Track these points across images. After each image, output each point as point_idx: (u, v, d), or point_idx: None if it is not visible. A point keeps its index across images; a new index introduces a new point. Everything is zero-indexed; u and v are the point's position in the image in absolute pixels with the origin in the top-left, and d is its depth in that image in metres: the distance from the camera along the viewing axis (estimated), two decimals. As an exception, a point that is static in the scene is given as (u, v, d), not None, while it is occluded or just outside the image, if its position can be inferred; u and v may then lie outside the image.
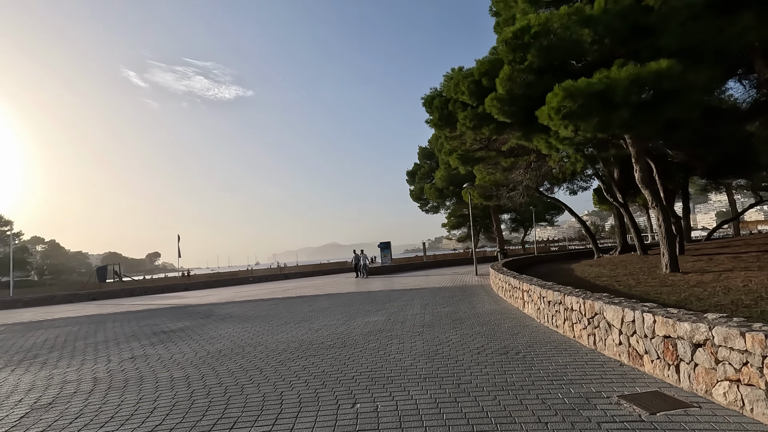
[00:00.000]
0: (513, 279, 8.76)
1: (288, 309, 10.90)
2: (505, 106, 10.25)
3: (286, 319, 9.20)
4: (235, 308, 11.98)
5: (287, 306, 11.58)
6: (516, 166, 14.51)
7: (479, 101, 11.23)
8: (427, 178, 49.23)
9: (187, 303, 14.89)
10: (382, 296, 12.31)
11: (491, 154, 13.02)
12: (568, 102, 8.35)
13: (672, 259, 12.98)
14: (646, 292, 8.91)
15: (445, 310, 8.74)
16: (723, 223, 41.05)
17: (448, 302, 10.02)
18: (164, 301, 16.94)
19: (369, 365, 4.96)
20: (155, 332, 8.66)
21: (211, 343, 7.01)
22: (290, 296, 14.40)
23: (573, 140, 9.36)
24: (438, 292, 12.28)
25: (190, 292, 24.30)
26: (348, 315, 9.10)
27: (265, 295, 15.59)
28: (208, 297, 17.50)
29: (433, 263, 32.88)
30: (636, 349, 3.97)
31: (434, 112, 12.78)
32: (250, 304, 12.69)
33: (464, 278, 17.40)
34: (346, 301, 11.65)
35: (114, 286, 34.14)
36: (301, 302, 12.28)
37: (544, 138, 10.20)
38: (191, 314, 11.24)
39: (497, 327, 6.64)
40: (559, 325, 5.86)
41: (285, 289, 18.03)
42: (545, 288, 6.41)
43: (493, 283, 12.49)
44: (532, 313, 7.25)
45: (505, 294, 9.82)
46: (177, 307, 13.39)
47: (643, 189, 13.41)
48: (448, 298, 10.87)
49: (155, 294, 25.11)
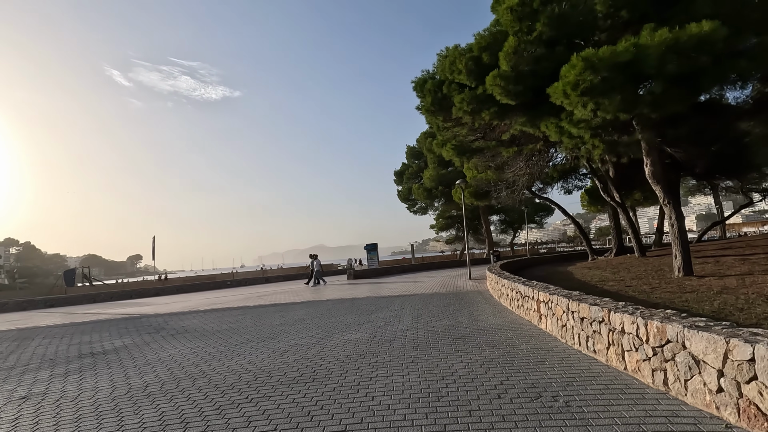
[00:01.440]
0: (523, 286, 7.33)
1: (256, 321, 9.27)
2: (510, 85, 8.85)
3: (250, 335, 7.58)
4: (195, 319, 10.28)
5: (256, 317, 9.95)
6: (517, 158, 13.15)
7: (479, 81, 9.83)
8: (416, 178, 47.94)
9: (145, 312, 13.09)
10: (368, 304, 10.77)
11: (490, 144, 11.64)
12: (588, 75, 6.97)
13: (686, 261, 11.78)
14: (669, 299, 7.63)
15: (441, 324, 7.25)
16: (714, 225, 40.74)
17: (443, 313, 8.54)
18: (122, 310, 15.07)
19: (343, 417, 3.42)
20: (83, 354, 6.94)
21: (141, 373, 5.36)
22: (264, 304, 12.74)
23: (590, 123, 8.01)
24: (430, 300, 10.80)
25: (160, 297, 22.33)
26: (324, 330, 7.54)
27: (236, 302, 13.89)
28: (173, 304, 15.68)
29: (421, 266, 31.46)
30: (758, 406, 2.53)
31: (426, 96, 11.33)
32: (214, 314, 11.00)
33: (457, 282, 15.98)
34: (325, 311, 10.07)
35: (81, 291, 31.79)
36: (273, 312, 10.65)
37: (554, 122, 8.83)
38: (141, 327, 9.51)
39: (513, 350, 5.17)
40: (599, 351, 4.41)
41: (261, 295, 16.33)
42: (577, 300, 4.96)
43: (492, 288, 11.08)
44: (553, 331, 5.80)
45: (510, 303, 8.39)
46: (131, 318, 11.61)
47: (655, 185, 12.22)
48: (443, 307, 9.39)
49: (120, 300, 23.06)
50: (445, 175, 41.59)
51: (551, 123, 8.85)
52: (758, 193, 36.53)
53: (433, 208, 50.12)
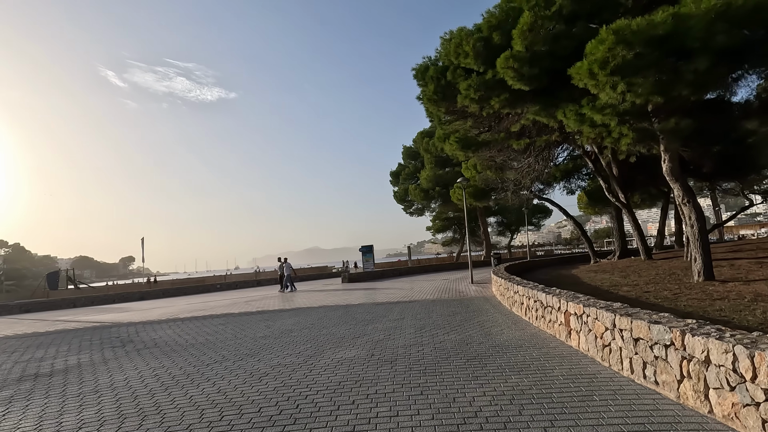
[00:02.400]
0: (544, 294, 6.32)
1: (238, 332, 8.19)
2: (524, 68, 7.89)
3: (227, 351, 6.51)
4: (171, 329, 9.17)
5: (239, 326, 8.86)
6: (525, 153, 12.19)
7: (488, 65, 8.86)
8: (412, 178, 46.98)
9: (119, 320, 11.94)
10: (364, 313, 9.72)
11: (498, 137, 10.66)
12: (620, 50, 6.01)
13: (707, 265, 10.90)
14: (699, 307, 6.70)
15: (450, 339, 6.23)
16: (714, 227, 40.14)
17: (450, 323, 7.51)
18: (97, 317, 13.90)
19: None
20: (25, 376, 5.83)
21: (80, 406, 4.28)
22: (250, 311, 11.64)
23: (617, 108, 7.05)
24: (433, 307, 9.78)
25: (143, 302, 21.11)
26: (314, 345, 6.48)
27: (221, 309, 12.78)
28: (154, 310, 14.53)
29: (418, 268, 30.46)
30: None
31: (428, 83, 10.34)
32: (193, 323, 9.90)
33: (458, 287, 14.98)
34: (315, 320, 9.01)
35: (63, 294, 30.43)
36: (258, 320, 9.57)
37: (573, 109, 7.86)
38: (107, 340, 8.40)
39: (545, 377, 4.16)
40: (664, 384, 3.40)
41: (250, 300, 15.23)
42: (626, 315, 3.95)
43: (501, 295, 10.08)
44: (588, 351, 4.80)
45: (526, 313, 7.38)
46: (100, 328, 10.47)
47: (673, 182, 11.33)
48: (448, 316, 8.37)
49: (101, 304, 21.80)
50: (443, 176, 40.65)
51: (570, 110, 7.88)
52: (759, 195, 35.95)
53: (430, 210, 49.20)
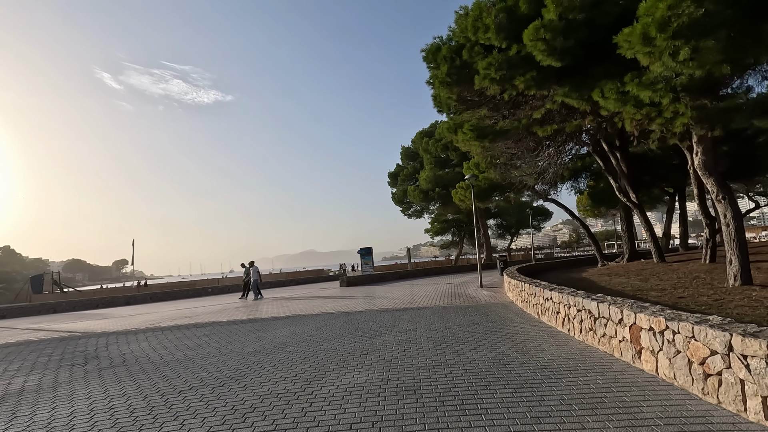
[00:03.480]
0: (594, 303, 5.19)
1: (223, 345, 6.99)
2: (557, 39, 6.81)
3: (207, 371, 5.32)
4: (146, 342, 7.95)
5: (226, 338, 7.66)
6: (547, 143, 11.10)
7: (511, 40, 7.79)
8: (411, 179, 45.92)
9: (93, 329, 10.69)
10: (369, 321, 8.55)
11: (519, 124, 9.55)
12: (687, 6, 4.93)
13: (744, 269, 9.88)
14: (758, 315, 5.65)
15: (480, 357, 5.08)
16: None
17: (473, 336, 6.37)
18: (71, 325, 12.61)
19: None
20: (-52, 406, 4.62)
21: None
22: (240, 318, 10.43)
23: (671, 82, 5.99)
24: (446, 315, 8.63)
25: (128, 307, 19.79)
26: (313, 364, 5.31)
27: (209, 316, 11.55)
28: (137, 317, 13.27)
29: (418, 272, 29.31)
30: None
31: (441, 65, 9.23)
32: (174, 334, 8.68)
33: (467, 291, 13.86)
34: (314, 331, 7.83)
35: (47, 298, 28.95)
36: (249, 330, 8.37)
37: (613, 88, 6.78)
38: (69, 355, 7.16)
39: (638, 423, 3.03)
40: None
41: (241, 306, 13.99)
42: (752, 337, 2.84)
43: (522, 300, 8.96)
44: (676, 379, 3.67)
45: (563, 323, 6.25)
46: (69, 338, 9.21)
47: (706, 178, 10.32)
48: (469, 326, 7.23)
49: (83, 310, 20.45)
50: (443, 177, 39.57)
51: (609, 89, 6.80)
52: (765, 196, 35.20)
53: (429, 212, 48.14)
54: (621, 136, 19.15)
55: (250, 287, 16.97)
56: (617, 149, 19.15)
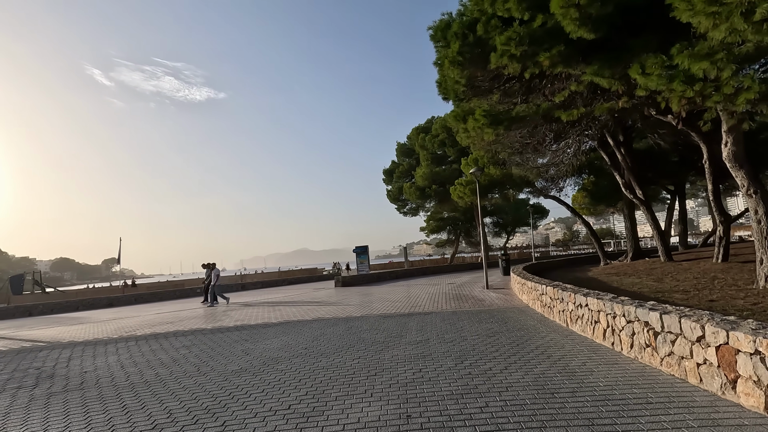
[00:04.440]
0: (655, 314, 4.25)
1: (203, 361, 5.96)
2: (593, 5, 5.85)
3: (178, 400, 4.29)
4: (116, 355, 6.87)
5: (208, 350, 6.62)
6: (566, 133, 10.16)
7: (535, 10, 6.82)
8: (406, 177, 44.99)
9: (60, 337, 9.56)
10: (372, 330, 7.56)
11: (539, 108, 8.57)
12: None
13: (776, 268, 9.06)
14: None
15: (519, 382, 4.12)
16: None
17: (498, 350, 5.42)
18: (37, 332, 11.43)
19: None
20: None
21: None
22: (226, 326, 9.37)
23: (732, 52, 5.08)
24: (458, 322, 7.67)
25: (108, 310, 18.56)
26: (311, 391, 4.30)
27: (193, 321, 10.48)
28: (114, 321, 12.13)
29: (415, 271, 28.38)
30: None
31: (452, 42, 8.25)
32: (150, 344, 7.61)
33: (472, 293, 12.94)
34: (310, 342, 6.82)
35: (26, 299, 27.52)
36: (235, 340, 7.33)
37: (657, 62, 5.85)
38: (19, 373, 6.06)
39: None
40: None
41: (229, 310, 12.91)
42: None
43: (543, 304, 8.03)
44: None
45: (605, 336, 5.31)
46: (26, 350, 8.08)
47: (736, 170, 9.52)
48: (488, 336, 6.27)
49: (61, 312, 19.18)
50: (440, 173, 38.67)
51: (652, 63, 5.87)
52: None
53: (425, 209, 47.29)
54: (624, 131, 18.39)
55: (210, 291, 15.00)
56: (621, 144, 18.39)
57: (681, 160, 25.17)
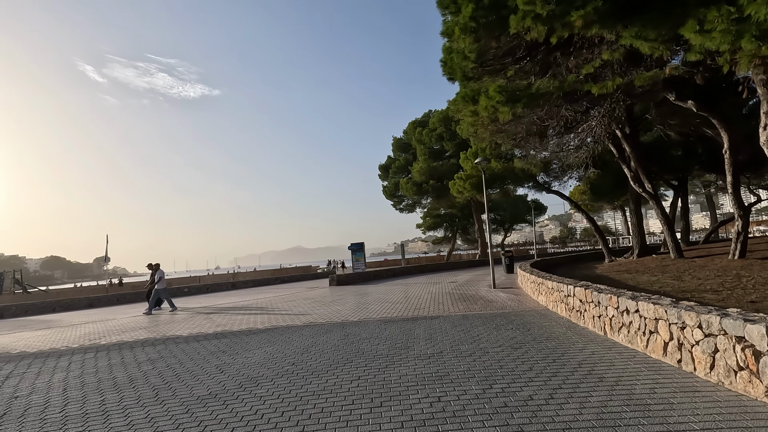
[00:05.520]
0: (758, 330, 3.19)
1: (167, 381, 4.82)
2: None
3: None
4: (65, 372, 5.70)
5: (176, 365, 5.48)
6: (598, 107, 9.00)
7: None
8: (403, 172, 43.89)
9: (13, 347, 8.32)
10: (372, 338, 6.45)
11: (562, 83, 7.48)
12: None
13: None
14: None
15: (583, 425, 3.05)
16: (722, 223, 38.38)
17: (532, 368, 4.34)
18: (-2, 337, 10.20)
19: None
20: None
21: None
22: (204, 332, 8.20)
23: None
24: (472, 329, 6.59)
25: (87, 312, 17.28)
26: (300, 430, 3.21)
27: (169, 326, 9.31)
28: (81, 327, 10.90)
29: (413, 269, 27.30)
30: None
31: (463, 5, 7.09)
32: (112, 356, 6.45)
33: (479, 292, 11.89)
34: (299, 354, 5.70)
35: (4, 300, 26.08)
36: (210, 353, 6.18)
37: (722, 14, 4.77)
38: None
39: None
40: None
41: (212, 313, 11.74)
42: None
43: (569, 308, 6.97)
44: None
45: (664, 350, 4.26)
46: (-30, 362, 6.88)
47: (776, 157, 8.54)
48: (513, 348, 5.20)
49: (35, 314, 17.87)
50: (437, 168, 37.59)
51: (714, 18, 4.81)
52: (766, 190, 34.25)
53: (422, 206, 46.27)
54: (631, 123, 17.42)
55: (159, 296, 13.08)
56: (628, 137, 17.44)
57: (686, 153, 24.35)
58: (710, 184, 38.08)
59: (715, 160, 23.32)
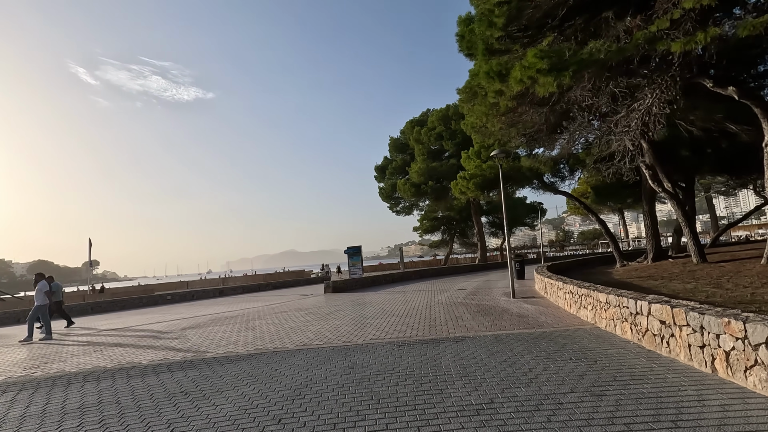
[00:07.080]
0: None
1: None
2: None
3: None
4: None
5: (112, 419, 3.83)
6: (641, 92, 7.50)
7: None
8: (400, 173, 42.38)
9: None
10: (387, 373, 4.83)
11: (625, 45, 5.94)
12: None
13: None
14: None
15: None
16: (729, 227, 37.41)
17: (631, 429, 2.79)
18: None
19: None
20: None
21: None
22: (172, 359, 6.52)
23: None
24: (516, 357, 5.00)
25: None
26: None
27: (136, 345, 7.62)
28: (21, 349, 9.15)
29: (413, 274, 25.69)
30: None
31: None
32: (37, 397, 4.76)
33: (497, 302, 10.33)
34: (287, 402, 4.06)
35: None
36: (170, 394, 4.52)
37: None
38: None
39: None
40: None
41: (190, 326, 10.00)
42: None
43: (635, 327, 5.40)
44: None
45: None
46: None
47: None
48: (595, 396, 3.60)
49: None
50: (436, 169, 36.10)
51: None
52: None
53: (419, 208, 44.80)
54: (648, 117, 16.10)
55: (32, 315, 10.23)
56: (644, 133, 16.08)
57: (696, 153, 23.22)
58: (710, 186, 37.11)
59: (728, 160, 22.13)
